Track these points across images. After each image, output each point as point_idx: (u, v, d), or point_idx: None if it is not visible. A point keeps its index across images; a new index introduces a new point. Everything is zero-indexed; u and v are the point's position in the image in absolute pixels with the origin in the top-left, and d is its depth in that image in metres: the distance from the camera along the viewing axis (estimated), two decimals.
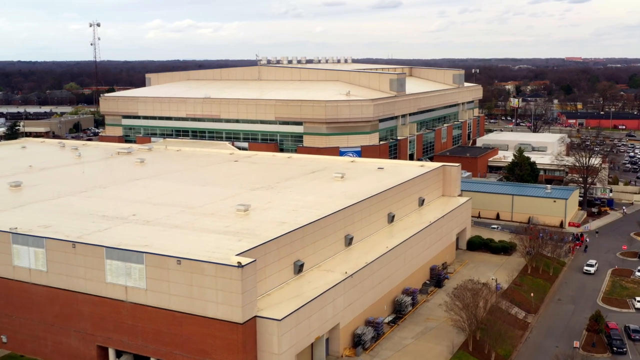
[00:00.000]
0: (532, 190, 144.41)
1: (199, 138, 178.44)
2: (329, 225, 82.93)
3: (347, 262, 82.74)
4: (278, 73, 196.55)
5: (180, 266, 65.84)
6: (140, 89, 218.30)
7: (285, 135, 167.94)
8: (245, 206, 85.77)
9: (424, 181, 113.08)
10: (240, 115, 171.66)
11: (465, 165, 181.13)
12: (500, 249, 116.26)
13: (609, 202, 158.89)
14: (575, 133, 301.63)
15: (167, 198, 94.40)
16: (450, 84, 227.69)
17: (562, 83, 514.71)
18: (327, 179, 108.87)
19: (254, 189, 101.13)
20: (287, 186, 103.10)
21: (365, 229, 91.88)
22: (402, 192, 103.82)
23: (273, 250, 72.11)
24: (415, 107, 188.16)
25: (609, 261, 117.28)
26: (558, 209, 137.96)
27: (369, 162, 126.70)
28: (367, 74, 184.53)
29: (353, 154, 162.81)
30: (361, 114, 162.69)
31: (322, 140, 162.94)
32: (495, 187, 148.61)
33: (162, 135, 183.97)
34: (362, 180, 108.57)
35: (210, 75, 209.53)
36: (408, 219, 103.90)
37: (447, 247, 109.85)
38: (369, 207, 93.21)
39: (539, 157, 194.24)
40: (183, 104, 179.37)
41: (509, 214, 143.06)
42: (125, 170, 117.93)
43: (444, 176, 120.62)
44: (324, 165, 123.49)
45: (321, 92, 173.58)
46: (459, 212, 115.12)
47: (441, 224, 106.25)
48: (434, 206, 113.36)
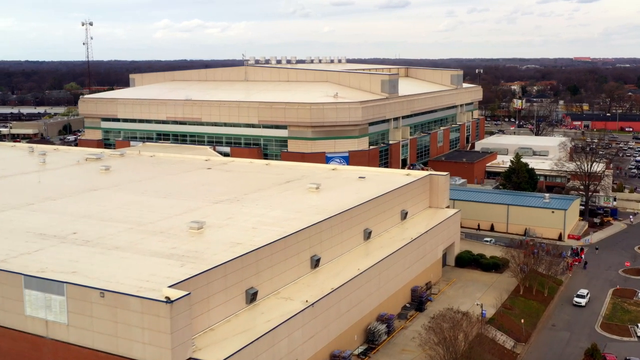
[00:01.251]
0: (529, 199, 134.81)
1: (180, 142, 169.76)
2: (290, 246, 73.78)
3: (311, 287, 73.53)
4: (265, 74, 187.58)
5: (104, 299, 56.80)
6: (120, 91, 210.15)
7: (269, 139, 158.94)
8: (200, 223, 76.73)
9: (408, 192, 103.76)
10: (222, 118, 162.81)
11: (461, 171, 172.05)
12: (491, 266, 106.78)
13: (613, 212, 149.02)
14: (580, 135, 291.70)
15: (119, 212, 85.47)
16: (448, 84, 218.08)
17: (569, 83, 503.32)
18: (301, 190, 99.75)
19: (217, 201, 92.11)
20: (255, 198, 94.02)
21: (335, 249, 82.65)
22: (381, 205, 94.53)
23: (219, 277, 63.00)
24: (408, 110, 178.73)
25: (610, 279, 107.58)
26: (556, 220, 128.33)
27: (350, 171, 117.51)
28: (358, 75, 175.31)
29: (340, 160, 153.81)
30: (349, 117, 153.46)
31: (308, 145, 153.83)
32: (489, 195, 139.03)
33: (142, 139, 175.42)
34: (339, 191, 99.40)
35: (196, 75, 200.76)
36: (387, 235, 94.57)
37: (432, 265, 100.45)
38: (341, 224, 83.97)
39: (539, 162, 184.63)
40: (163, 106, 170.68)
41: (504, 225, 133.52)
42: (85, 180, 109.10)
43: (431, 186, 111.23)
44: (302, 173, 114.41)
45: (308, 93, 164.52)
46: (446, 225, 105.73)
47: (425, 240, 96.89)
48: (419, 219, 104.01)
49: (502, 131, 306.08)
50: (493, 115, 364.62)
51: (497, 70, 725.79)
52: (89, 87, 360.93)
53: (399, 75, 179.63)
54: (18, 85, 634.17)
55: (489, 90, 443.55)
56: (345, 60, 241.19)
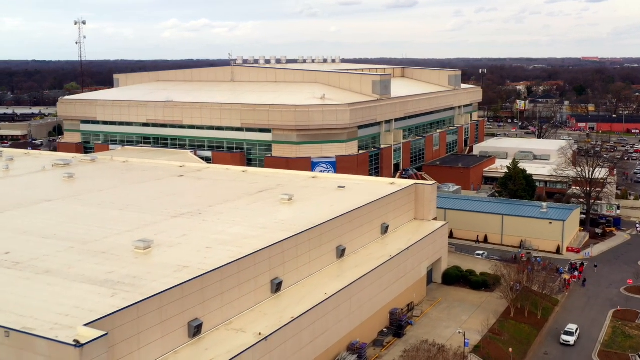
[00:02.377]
0: (526, 209, 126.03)
1: (161, 146, 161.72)
2: (246, 269, 65.55)
3: (269, 316, 65.29)
4: (252, 74, 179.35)
5: (10, 339, 48.74)
6: (100, 92, 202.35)
7: (253, 143, 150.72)
8: (147, 243, 68.62)
9: (390, 203, 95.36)
10: (204, 121, 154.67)
11: (456, 176, 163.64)
12: (481, 284, 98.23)
13: (616, 221, 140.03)
14: (585, 138, 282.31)
15: (65, 228, 77.44)
16: (446, 85, 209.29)
17: (575, 84, 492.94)
18: (272, 202, 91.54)
19: (178, 214, 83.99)
20: (219, 211, 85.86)
21: (301, 270, 74.39)
22: (357, 218, 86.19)
23: (154, 309, 54.87)
24: (402, 112, 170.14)
25: (611, 299, 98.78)
26: (554, 231, 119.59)
27: (331, 179, 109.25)
28: (348, 75, 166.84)
29: (327, 166, 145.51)
30: (336, 120, 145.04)
31: (292, 150, 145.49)
32: (483, 205, 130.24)
33: (122, 143, 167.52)
34: (314, 203, 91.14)
35: (181, 76, 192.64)
36: (364, 252, 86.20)
37: (415, 284, 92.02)
38: (309, 242, 75.71)
39: (540, 167, 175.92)
40: (143, 108, 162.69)
41: (499, 237, 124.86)
42: (42, 189, 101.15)
43: (417, 196, 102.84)
44: (278, 182, 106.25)
45: (295, 95, 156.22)
46: (432, 239, 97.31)
47: (406, 257, 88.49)
48: (401, 233, 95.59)
49: (505, 134, 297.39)
50: (496, 116, 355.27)
51: (502, 70, 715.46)
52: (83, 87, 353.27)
53: (391, 75, 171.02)
54: (18, 85, 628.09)
55: (493, 90, 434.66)
56: (339, 60, 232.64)
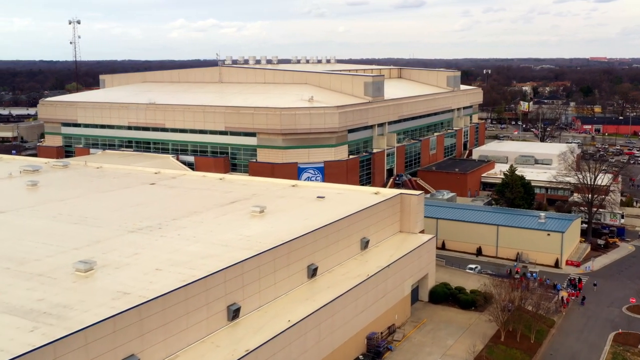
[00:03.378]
0: (522, 219, 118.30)
1: (143, 150, 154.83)
2: (196, 295, 58.32)
3: (221, 349, 58.04)
4: (241, 75, 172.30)
5: None
6: (82, 93, 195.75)
7: (237, 148, 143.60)
8: (89, 264, 61.49)
9: (371, 215, 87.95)
10: (186, 124, 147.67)
11: (452, 182, 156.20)
12: (470, 303, 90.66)
13: (619, 231, 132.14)
14: (590, 140, 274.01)
15: (7, 244, 70.38)
16: (444, 86, 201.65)
17: (582, 84, 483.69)
18: (243, 214, 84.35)
19: (135, 229, 76.87)
20: (182, 225, 78.68)
21: (264, 293, 67.12)
22: (333, 233, 78.90)
23: (79, 346, 47.75)
24: (396, 115, 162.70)
25: (612, 320, 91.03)
26: (553, 244, 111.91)
27: (312, 188, 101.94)
28: (339, 76, 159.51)
29: (314, 172, 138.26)
30: (324, 124, 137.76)
31: (278, 155, 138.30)
32: (478, 214, 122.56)
33: (103, 146, 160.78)
34: (287, 216, 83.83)
35: (168, 76, 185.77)
36: (340, 270, 78.84)
37: (398, 304, 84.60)
38: (274, 261, 68.45)
39: (541, 173, 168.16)
40: (125, 110, 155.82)
41: (494, 249, 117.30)
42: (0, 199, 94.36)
43: (402, 207, 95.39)
44: (255, 191, 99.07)
45: (282, 97, 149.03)
46: (417, 255, 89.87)
47: (387, 275, 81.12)
48: (383, 248, 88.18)
49: (508, 136, 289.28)
50: (499, 118, 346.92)
51: (509, 71, 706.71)
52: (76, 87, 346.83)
53: (384, 76, 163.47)
54: (19, 85, 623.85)
55: (498, 91, 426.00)
56: (334, 60, 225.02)
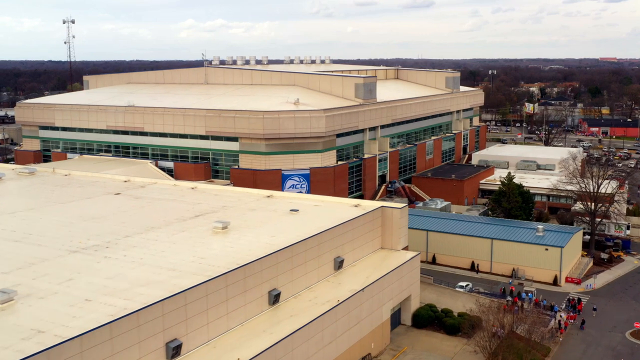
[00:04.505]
0: (519, 232, 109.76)
1: (122, 155, 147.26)
2: (124, 333, 50.30)
3: None
4: (227, 76, 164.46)
5: None
6: (59, 95, 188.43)
7: (219, 153, 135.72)
8: (8, 294, 53.63)
9: (347, 232, 79.82)
10: (166, 128, 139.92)
11: (448, 189, 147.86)
12: (457, 328, 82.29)
13: (625, 244, 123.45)
14: (597, 144, 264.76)
15: None
16: (443, 88, 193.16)
17: (591, 85, 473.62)
18: (204, 231, 76.37)
19: (79, 248, 68.96)
20: (132, 244, 70.77)
21: (213, 326, 59.08)
22: (301, 254, 70.84)
23: None
24: (389, 118, 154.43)
25: (613, 347, 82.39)
26: (551, 259, 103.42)
27: (288, 199, 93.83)
28: (329, 78, 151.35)
29: (299, 179, 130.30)
30: (310, 128, 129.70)
31: (261, 161, 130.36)
32: (471, 226, 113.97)
33: (82, 151, 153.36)
34: (252, 233, 75.76)
35: (153, 77, 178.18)
36: (308, 295, 70.74)
37: (375, 331, 76.41)
38: (226, 288, 60.44)
39: (543, 179, 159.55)
40: (103, 113, 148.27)
41: (488, 264, 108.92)
42: None
43: (384, 221, 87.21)
44: (225, 202, 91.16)
45: (267, 99, 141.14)
46: (398, 274, 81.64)
47: (362, 299, 72.95)
48: (360, 268, 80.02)
49: (512, 139, 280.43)
50: (504, 120, 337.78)
51: (517, 71, 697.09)
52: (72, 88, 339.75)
53: (376, 77, 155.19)
54: (22, 86, 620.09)
55: (503, 92, 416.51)
56: (329, 60, 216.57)
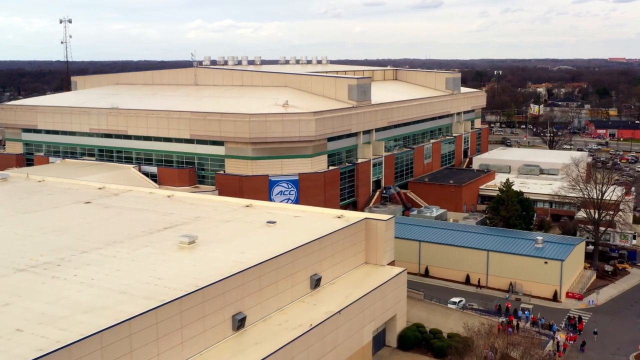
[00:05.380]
0: (517, 243, 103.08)
1: (106, 159, 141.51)
2: None
3: None
4: (217, 77, 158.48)
5: None
6: (43, 97, 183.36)
7: (204, 158, 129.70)
8: None
9: (326, 246, 73.54)
10: (150, 132, 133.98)
11: (446, 195, 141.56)
12: (446, 351, 75.88)
13: (630, 255, 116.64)
14: (604, 147, 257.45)
15: None
16: (443, 89, 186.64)
17: (599, 85, 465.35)
18: (168, 246, 70.23)
19: (28, 266, 62.99)
20: (87, 261, 64.73)
21: (164, 357, 52.91)
22: (271, 273, 64.61)
23: None
24: (384, 121, 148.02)
25: None
26: (551, 273, 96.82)
27: (267, 210, 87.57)
28: (321, 79, 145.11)
29: (288, 185, 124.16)
30: (298, 132, 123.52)
31: (248, 166, 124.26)
32: (466, 237, 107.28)
33: (65, 154, 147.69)
34: (221, 249, 69.61)
35: (141, 78, 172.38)
36: (278, 318, 64.50)
37: (354, 355, 69.99)
38: (181, 315, 54.27)
39: (546, 185, 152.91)
40: (86, 115, 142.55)
41: (484, 277, 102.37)
42: None
43: (368, 234, 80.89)
44: (200, 212, 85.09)
45: (256, 101, 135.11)
46: (381, 293, 75.26)
47: (338, 322, 66.65)
48: (340, 286, 73.69)
49: (517, 141, 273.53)
50: (509, 121, 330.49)
51: (524, 72, 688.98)
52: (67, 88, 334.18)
53: (371, 78, 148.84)
54: (25, 86, 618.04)
55: (509, 93, 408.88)
56: (326, 60, 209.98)
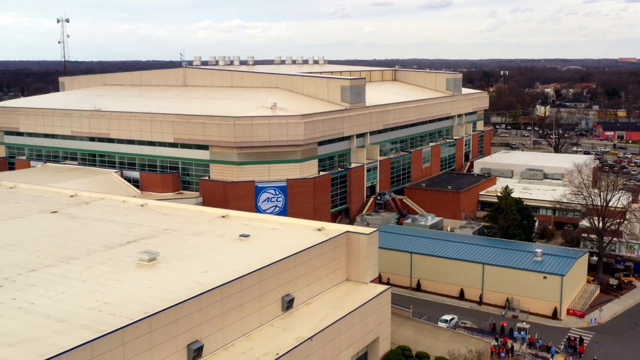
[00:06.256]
0: (515, 255, 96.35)
1: (88, 163, 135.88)
2: None
3: None
4: (206, 77, 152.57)
5: None
6: (26, 98, 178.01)
7: (189, 162, 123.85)
8: None
9: (302, 263, 67.34)
10: (133, 135, 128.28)
11: (444, 201, 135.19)
12: None
13: (637, 267, 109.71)
14: (612, 149, 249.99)
15: None
16: (443, 90, 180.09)
17: (608, 86, 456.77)
18: (127, 264, 64.22)
19: None
20: (32, 282, 58.79)
21: None
22: (234, 295, 58.47)
23: None
24: (380, 123, 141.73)
25: None
26: (550, 289, 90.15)
27: (243, 221, 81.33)
28: (313, 80, 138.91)
29: (275, 192, 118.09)
30: (286, 135, 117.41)
31: (233, 172, 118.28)
32: (461, 248, 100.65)
33: (47, 158, 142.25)
34: (183, 267, 63.51)
35: (130, 79, 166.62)
36: (242, 346, 58.28)
37: None
38: (123, 347, 48.20)
39: (549, 190, 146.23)
40: (68, 118, 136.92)
41: (478, 292, 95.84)
42: None
43: (349, 249, 74.64)
44: (170, 224, 79.09)
45: (244, 103, 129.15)
46: (362, 314, 68.98)
47: (310, 350, 60.47)
48: (316, 307, 67.42)
49: (522, 143, 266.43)
50: (514, 123, 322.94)
51: (533, 72, 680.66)
52: None
53: (365, 79, 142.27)
54: (29, 86, 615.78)
55: (515, 93, 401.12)
56: (323, 60, 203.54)
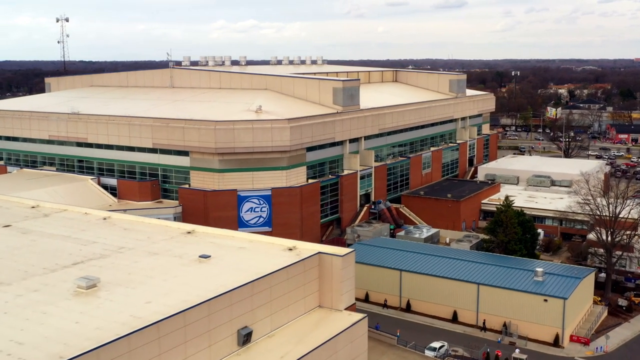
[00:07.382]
0: (513, 274, 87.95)
1: (66, 169, 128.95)
2: None
3: None
4: (194, 78, 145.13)
5: None
6: (5, 100, 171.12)
7: (169, 169, 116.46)
8: None
9: (263, 291, 59.36)
10: (111, 140, 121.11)
11: (443, 210, 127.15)
12: None
13: None
14: (625, 153, 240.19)
15: None
16: (446, 92, 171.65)
17: (623, 86, 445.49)
18: (64, 290, 56.47)
19: None
20: None
21: None
22: (178, 330, 50.67)
23: None
24: (375, 127, 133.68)
25: None
26: (551, 313, 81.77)
27: (210, 238, 73.23)
28: (304, 81, 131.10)
29: (259, 201, 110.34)
30: (271, 141, 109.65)
31: (214, 180, 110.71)
32: (455, 265, 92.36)
33: (25, 163, 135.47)
34: (125, 296, 55.61)
35: (116, 80, 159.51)
36: None
37: None
38: None
39: (556, 199, 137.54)
40: (45, 121, 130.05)
41: (473, 315, 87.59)
42: None
43: (322, 272, 66.61)
44: (127, 242, 71.29)
45: (228, 106, 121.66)
46: (332, 348, 60.73)
47: None
48: (279, 341, 59.47)
49: (532, 147, 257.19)
50: (525, 125, 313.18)
51: (547, 72, 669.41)
52: None
53: (359, 81, 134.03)
54: (36, 86, 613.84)
55: (527, 94, 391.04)
56: (322, 61, 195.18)
